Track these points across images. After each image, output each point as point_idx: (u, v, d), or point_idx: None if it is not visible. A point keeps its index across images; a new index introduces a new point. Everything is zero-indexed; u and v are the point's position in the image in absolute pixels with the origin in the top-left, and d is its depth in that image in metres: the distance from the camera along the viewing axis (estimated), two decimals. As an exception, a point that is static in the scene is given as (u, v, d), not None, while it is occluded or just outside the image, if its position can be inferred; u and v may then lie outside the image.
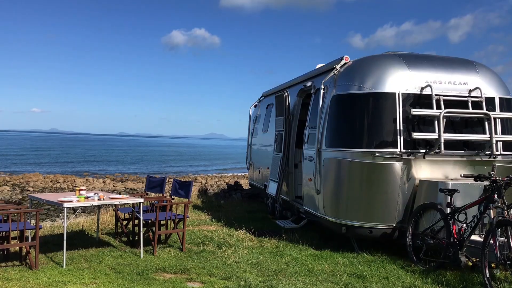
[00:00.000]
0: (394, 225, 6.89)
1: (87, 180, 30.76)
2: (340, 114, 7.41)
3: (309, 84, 8.79)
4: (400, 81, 7.04)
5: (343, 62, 7.73)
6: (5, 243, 6.37)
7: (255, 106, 13.68)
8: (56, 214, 16.67)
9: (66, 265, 6.24)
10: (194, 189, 14.83)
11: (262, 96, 13.16)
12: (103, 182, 29.87)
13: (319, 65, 9.17)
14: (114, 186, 27.66)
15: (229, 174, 40.82)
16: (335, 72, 7.69)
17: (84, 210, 15.13)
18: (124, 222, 8.11)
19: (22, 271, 5.95)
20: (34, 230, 6.42)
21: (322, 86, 7.70)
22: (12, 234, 6.41)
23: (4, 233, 6.32)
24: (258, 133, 12.53)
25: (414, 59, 7.40)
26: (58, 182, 28.77)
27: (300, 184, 8.94)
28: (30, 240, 6.65)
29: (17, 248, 6.74)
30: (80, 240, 7.82)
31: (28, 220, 6.95)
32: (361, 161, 6.95)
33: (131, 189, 25.60)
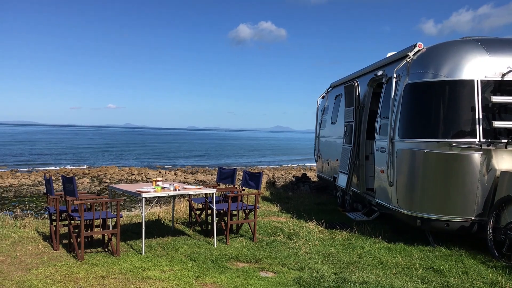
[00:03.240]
0: (472, 218, 6.57)
1: (159, 172, 32.00)
2: (414, 103, 7.16)
3: (380, 73, 8.57)
4: (478, 67, 6.67)
5: (416, 49, 7.45)
6: (89, 231, 6.80)
7: (323, 97, 13.55)
8: (131, 204, 17.53)
9: (144, 252, 6.55)
10: (262, 181, 14.98)
11: (330, 87, 13.00)
12: (175, 174, 30.94)
13: (390, 53, 8.90)
14: (185, 178, 28.56)
15: (295, 167, 40.79)
16: (408, 60, 7.43)
17: (159, 200, 15.77)
18: (198, 212, 8.37)
19: (105, 257, 6.32)
20: (115, 218, 6.79)
21: (395, 75, 7.47)
22: (95, 223, 6.84)
23: (88, 221, 6.74)
24: (327, 124, 12.41)
25: (494, 44, 6.98)
26: (133, 175, 30.15)
27: (371, 176, 8.77)
28: (111, 228, 7.07)
29: (99, 236, 7.18)
30: (156, 229, 8.18)
31: (109, 210, 7.37)
32: (437, 152, 6.69)
33: (201, 180, 26.31)
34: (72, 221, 6.58)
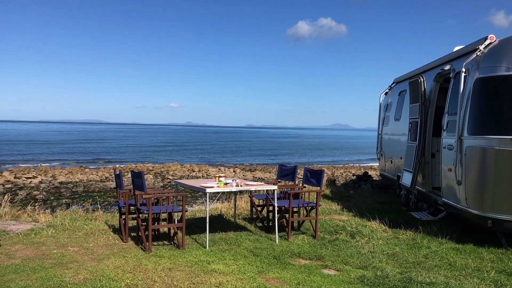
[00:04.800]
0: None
1: (219, 169, 32.57)
2: (484, 99, 6.83)
3: (447, 67, 8.24)
4: (558, 59, 6.26)
5: (487, 42, 7.11)
6: (156, 224, 7.04)
7: (386, 93, 13.22)
8: (192, 200, 17.98)
9: (208, 246, 6.70)
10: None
11: (393, 83, 12.67)
12: (234, 171, 31.37)
13: (457, 47, 8.54)
14: (243, 175, 28.88)
15: (355, 165, 40.11)
16: (478, 53, 7.10)
17: (220, 196, 16.06)
18: (259, 208, 8.44)
19: (171, 250, 6.53)
20: (181, 213, 7.00)
21: (463, 69, 7.16)
22: (162, 217, 7.08)
23: (155, 214, 6.99)
24: (390, 121, 12.10)
25: None
26: (193, 171, 30.89)
27: (438, 175, 8.47)
28: (176, 222, 7.29)
29: (166, 229, 7.42)
30: (219, 224, 8.34)
31: (174, 204, 7.60)
32: (510, 150, 6.35)
33: (259, 178, 26.51)
34: (140, 215, 6.85)
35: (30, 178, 24.88)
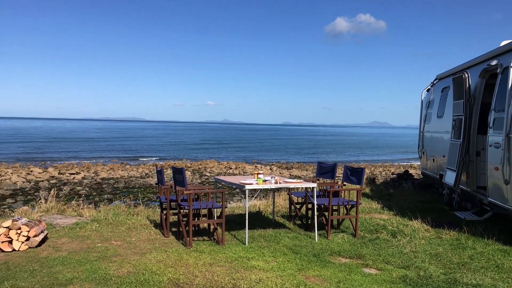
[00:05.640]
0: None
1: (255, 167, 32.68)
2: (535, 95, 6.55)
3: (494, 63, 7.94)
4: None
5: (538, 35, 6.80)
6: (196, 220, 7.13)
7: (428, 90, 12.89)
8: (229, 197, 18.11)
9: (248, 242, 6.73)
10: (361, 177, 14.66)
11: (435, 79, 12.33)
12: (270, 169, 31.40)
13: (504, 42, 8.21)
14: (280, 173, 28.86)
15: (395, 164, 39.38)
16: (528, 47, 6.82)
17: (257, 194, 16.11)
18: (298, 206, 8.40)
19: (211, 246, 6.59)
20: (220, 209, 7.06)
21: (512, 64, 6.89)
22: (202, 212, 7.16)
23: (195, 210, 7.08)
24: (432, 118, 11.80)
25: None
26: (230, 168, 31.12)
27: (483, 174, 8.18)
28: (216, 218, 7.36)
29: (205, 225, 7.50)
30: (258, 220, 8.36)
31: (214, 200, 7.67)
32: None
33: (295, 176, 26.40)
34: (181, 210, 6.96)
35: (74, 174, 25.72)
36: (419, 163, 13.60)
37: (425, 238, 7.16)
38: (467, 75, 8.98)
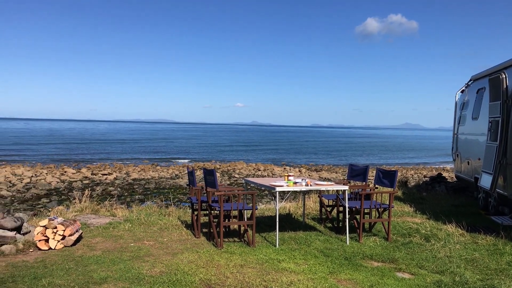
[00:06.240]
0: None
1: (284, 169, 32.60)
2: None
3: (533, 63, 7.70)
4: None
5: None
6: (227, 221, 7.16)
7: (462, 91, 12.60)
8: (258, 199, 18.11)
9: (278, 245, 6.71)
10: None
11: (470, 80, 12.04)
12: (299, 171, 31.27)
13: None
14: (309, 175, 28.69)
15: (427, 167, 38.62)
16: None
17: (287, 196, 16.06)
18: (328, 209, 8.33)
19: (242, 247, 6.60)
20: (250, 210, 7.06)
21: (553, 64, 6.66)
22: (232, 214, 7.18)
23: (226, 211, 7.10)
24: (467, 120, 11.51)
25: None
26: (259, 170, 31.14)
27: (522, 177, 7.93)
28: (246, 220, 7.36)
29: (235, 226, 7.52)
30: (288, 223, 8.33)
31: (244, 202, 7.68)
32: None
33: (325, 178, 26.21)
34: (212, 211, 6.99)
35: (106, 174, 26.22)
36: (453, 166, 13.29)
37: (460, 243, 6.98)
38: (504, 76, 8.72)
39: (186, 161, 40.19)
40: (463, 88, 12.46)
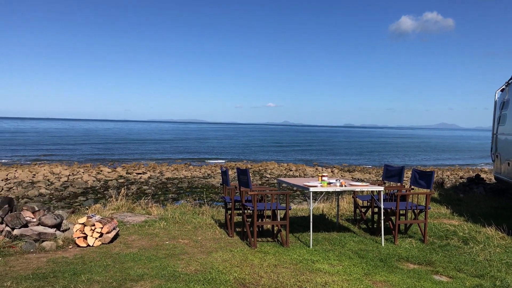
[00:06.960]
0: None
1: (316, 169, 32.41)
2: None
3: None
4: None
5: None
6: (260, 221, 7.17)
7: (502, 90, 12.21)
8: (290, 199, 18.06)
9: (312, 245, 6.68)
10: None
11: (511, 79, 11.66)
12: (332, 171, 31.02)
13: None
14: (342, 175, 28.42)
15: (463, 168, 37.65)
16: None
17: (321, 196, 15.95)
18: (363, 210, 8.23)
19: (275, 247, 6.60)
20: (284, 210, 7.05)
21: None
22: (266, 213, 7.18)
23: (259, 211, 7.12)
24: (507, 120, 11.15)
25: None
26: (290, 170, 31.06)
27: None
28: (280, 220, 7.36)
29: (269, 226, 7.52)
30: (321, 223, 8.28)
31: (277, 201, 7.67)
32: None
33: (358, 179, 25.93)
34: (246, 211, 7.02)
35: (140, 173, 26.72)
36: (492, 167, 12.90)
37: (501, 246, 6.77)
38: (547, 74, 8.41)
39: (219, 161, 40.48)
40: (503, 87, 12.08)
